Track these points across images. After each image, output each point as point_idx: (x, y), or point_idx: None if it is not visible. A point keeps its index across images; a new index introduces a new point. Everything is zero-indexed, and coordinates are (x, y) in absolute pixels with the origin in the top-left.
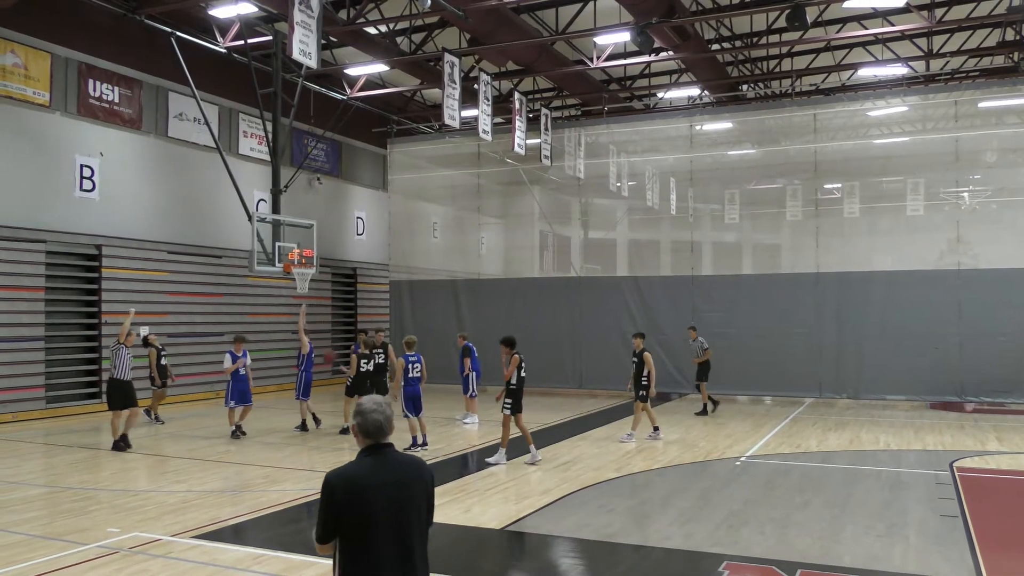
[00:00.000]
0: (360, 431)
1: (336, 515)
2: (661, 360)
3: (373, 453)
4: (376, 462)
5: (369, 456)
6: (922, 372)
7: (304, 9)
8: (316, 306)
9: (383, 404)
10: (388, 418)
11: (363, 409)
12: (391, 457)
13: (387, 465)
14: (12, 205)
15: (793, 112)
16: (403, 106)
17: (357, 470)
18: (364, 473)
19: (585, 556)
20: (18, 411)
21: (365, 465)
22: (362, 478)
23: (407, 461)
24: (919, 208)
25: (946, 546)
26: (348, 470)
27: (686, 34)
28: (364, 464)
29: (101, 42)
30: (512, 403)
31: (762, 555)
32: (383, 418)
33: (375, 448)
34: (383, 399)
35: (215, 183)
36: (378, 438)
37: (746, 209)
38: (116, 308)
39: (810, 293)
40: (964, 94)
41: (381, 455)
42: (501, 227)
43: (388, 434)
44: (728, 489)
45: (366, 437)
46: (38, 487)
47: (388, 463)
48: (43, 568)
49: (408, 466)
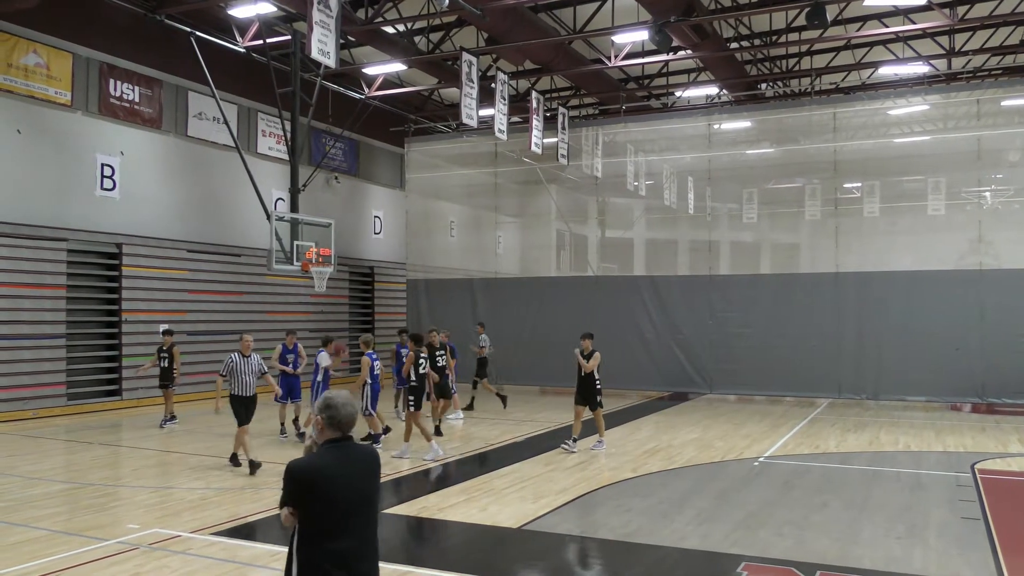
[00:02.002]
0: (330, 424)
1: (301, 503)
2: (679, 360)
3: (337, 445)
4: (340, 454)
5: (335, 448)
6: (943, 373)
7: (323, 8)
8: (334, 304)
9: (352, 400)
10: (356, 411)
11: (335, 403)
12: (352, 449)
13: (349, 457)
14: (34, 204)
15: (812, 111)
16: (421, 105)
17: (321, 462)
18: (328, 464)
19: (602, 556)
20: (39, 408)
21: (329, 457)
22: (326, 469)
23: (366, 453)
24: (940, 208)
25: (967, 549)
26: (312, 462)
27: (704, 33)
28: (328, 456)
29: (122, 42)
30: (414, 399)
31: (781, 556)
32: (354, 411)
33: (340, 440)
34: (348, 393)
35: (234, 182)
36: (346, 431)
37: (764, 208)
38: (136, 306)
39: (829, 293)
40: (986, 92)
41: (343, 447)
42: (518, 226)
43: (353, 427)
44: (746, 490)
45: (335, 430)
46: (59, 483)
47: (350, 455)
48: (65, 563)
49: (368, 458)
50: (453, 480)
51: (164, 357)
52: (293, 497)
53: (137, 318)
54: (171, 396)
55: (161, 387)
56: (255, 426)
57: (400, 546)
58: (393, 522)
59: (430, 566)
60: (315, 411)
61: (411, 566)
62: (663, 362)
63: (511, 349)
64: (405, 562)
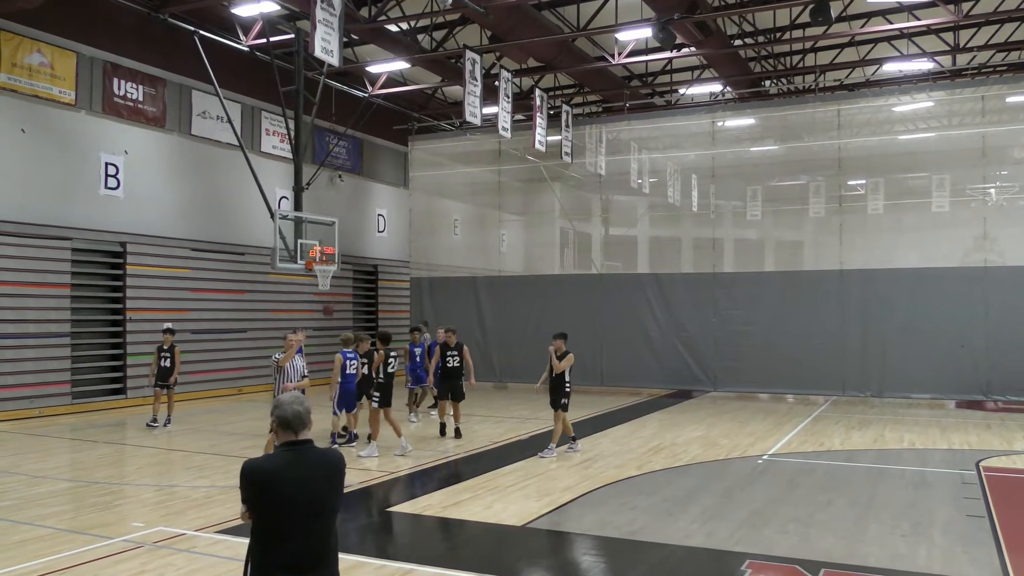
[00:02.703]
0: (279, 424)
1: (251, 504)
2: (683, 357)
3: (292, 448)
4: (294, 457)
5: (288, 451)
6: (947, 370)
7: (326, 7)
8: (338, 303)
9: (301, 397)
10: (307, 410)
11: (281, 402)
12: (309, 453)
13: (304, 461)
14: (39, 203)
15: (816, 108)
16: (424, 103)
17: (273, 464)
18: (279, 467)
19: (607, 554)
20: (44, 406)
21: (283, 460)
22: (276, 472)
23: (325, 457)
24: (945, 205)
25: (972, 546)
26: (265, 463)
27: (708, 30)
28: (282, 459)
29: (125, 41)
30: (380, 396)
31: (785, 554)
32: (302, 409)
33: (294, 443)
34: (301, 394)
35: (238, 181)
36: (297, 430)
37: (768, 206)
38: (140, 305)
39: (833, 290)
40: (991, 89)
41: (299, 450)
42: (522, 224)
43: (307, 427)
44: (750, 488)
45: (287, 431)
46: (64, 481)
47: (306, 459)
48: (70, 562)
49: (325, 463)
50: (457, 478)
51: (165, 356)
52: (244, 497)
53: (141, 316)
54: (172, 397)
55: (161, 387)
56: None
57: (404, 544)
58: (397, 520)
59: (434, 564)
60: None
61: (415, 564)
62: (667, 360)
63: (515, 347)
64: (409, 560)
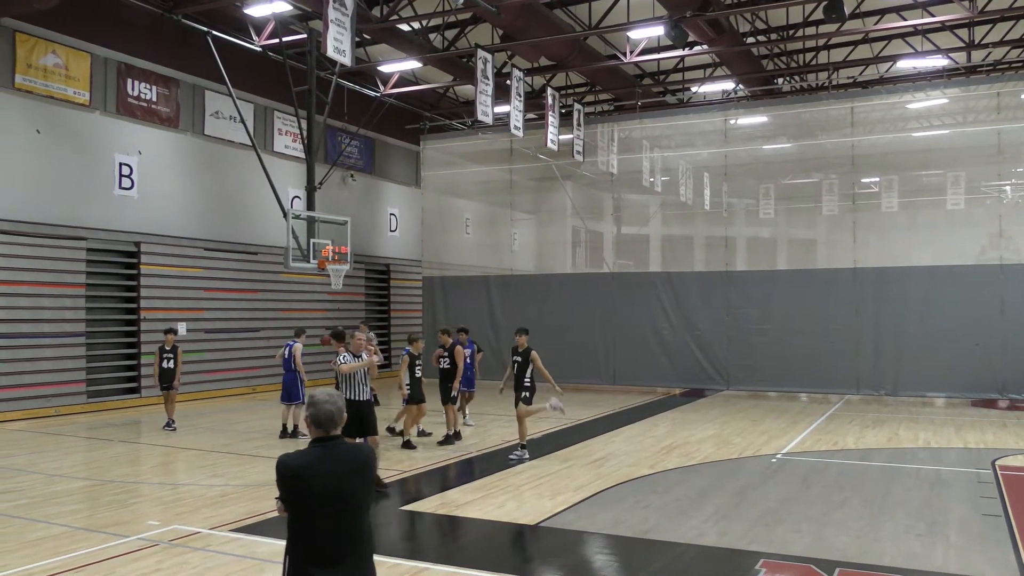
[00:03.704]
0: (313, 422)
1: (284, 498)
2: (695, 356)
3: (322, 443)
4: (325, 453)
5: (318, 446)
6: (963, 369)
7: (338, 7)
8: (350, 302)
9: (335, 396)
10: (340, 409)
11: (315, 400)
12: (340, 448)
13: (333, 456)
14: (54, 203)
15: (830, 105)
16: (436, 103)
17: (304, 459)
18: (310, 463)
19: (620, 553)
20: (60, 405)
21: (313, 455)
22: (307, 467)
23: (353, 452)
24: (960, 202)
25: (988, 546)
26: (296, 459)
27: (721, 27)
28: (312, 454)
29: (139, 42)
30: None
31: (799, 553)
32: (335, 409)
33: (325, 439)
34: (336, 392)
35: (250, 180)
36: (328, 429)
37: (781, 204)
38: (154, 304)
39: (847, 288)
40: (1007, 85)
41: (329, 446)
42: (533, 223)
43: (339, 425)
44: (764, 486)
45: (318, 428)
46: (80, 480)
47: (335, 454)
48: (86, 560)
49: (355, 457)
50: (470, 477)
51: (168, 357)
52: (280, 491)
53: (155, 316)
54: (173, 398)
55: (164, 388)
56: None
57: (418, 543)
58: (411, 518)
59: (448, 563)
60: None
61: (429, 563)
62: (680, 358)
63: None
64: (423, 559)
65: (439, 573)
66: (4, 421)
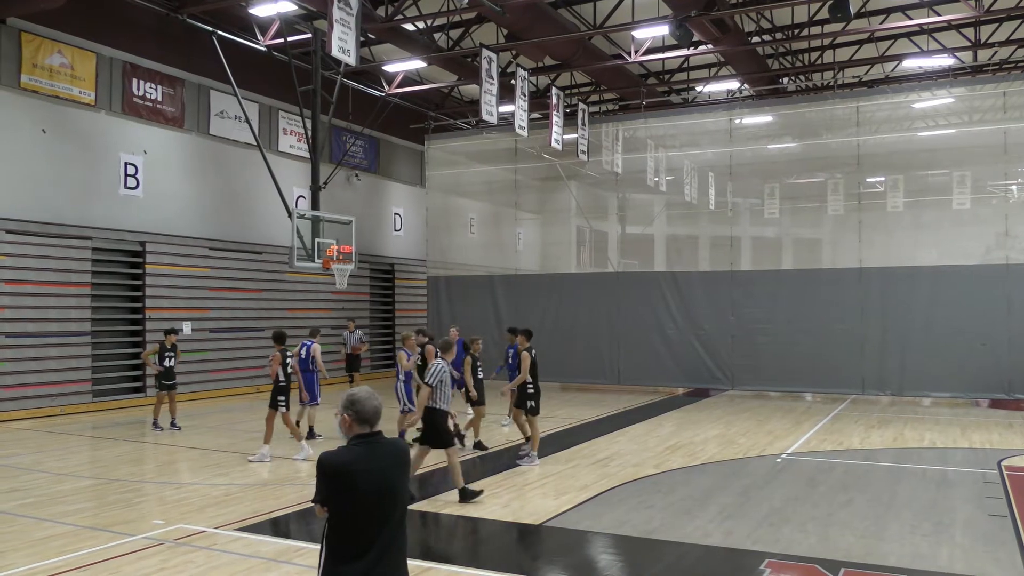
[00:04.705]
0: (356, 419)
1: (329, 493)
2: (700, 356)
3: (366, 440)
4: (368, 449)
5: (362, 443)
6: (969, 369)
7: (343, 7)
8: (355, 302)
9: (374, 392)
10: (381, 405)
11: (359, 397)
12: (380, 444)
13: (378, 452)
14: (60, 203)
15: (835, 105)
16: (440, 102)
17: (350, 456)
18: (356, 459)
19: (624, 552)
20: (65, 404)
21: (358, 452)
22: (354, 463)
23: (393, 447)
24: (966, 202)
25: (994, 546)
26: (342, 456)
27: (725, 27)
28: (357, 451)
29: (144, 42)
30: (284, 400)
31: (804, 553)
32: (378, 404)
33: (368, 436)
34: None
35: (255, 180)
36: (373, 424)
37: (786, 203)
38: (160, 304)
39: (852, 288)
40: (1013, 85)
41: (372, 442)
42: (538, 223)
43: (378, 420)
44: (769, 487)
45: (362, 424)
46: (86, 479)
47: (379, 450)
48: (92, 558)
49: (395, 453)
50: (475, 477)
51: (169, 356)
52: (321, 490)
53: (161, 315)
54: (175, 398)
55: (167, 388)
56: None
57: (423, 542)
58: (416, 518)
59: (453, 562)
60: (340, 408)
61: (433, 562)
62: (684, 358)
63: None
64: (427, 558)
65: (444, 572)
66: (10, 420)
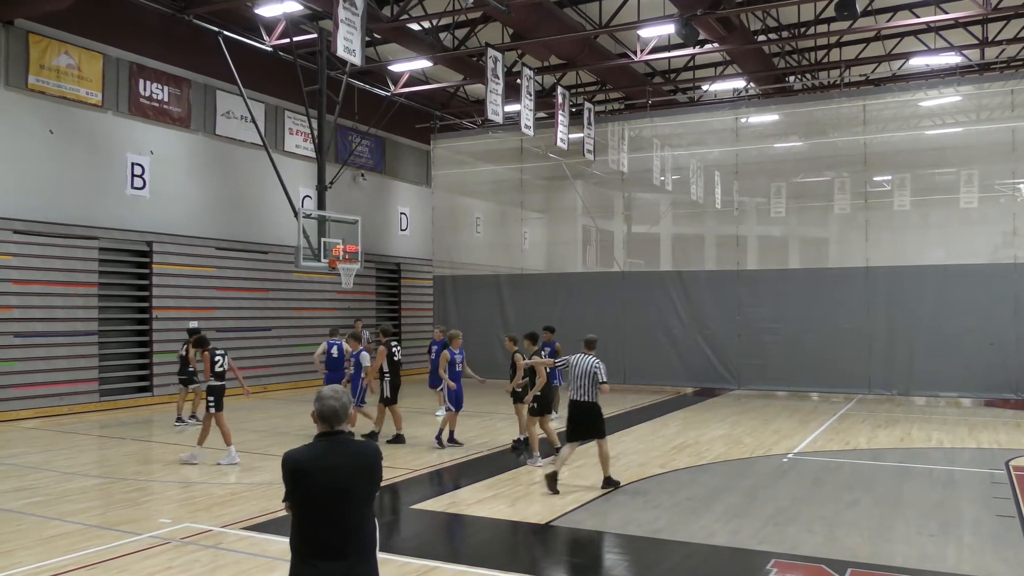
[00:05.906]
0: (319, 416)
1: (288, 489)
2: (706, 355)
3: (326, 438)
4: (327, 447)
5: (322, 441)
6: (976, 368)
7: (348, 7)
8: (361, 301)
9: (340, 392)
10: (344, 405)
11: (319, 396)
12: (342, 443)
13: (338, 452)
14: (66, 203)
15: (842, 103)
16: (446, 102)
17: (307, 453)
18: (313, 456)
19: (630, 552)
20: (73, 404)
21: (316, 449)
22: (309, 461)
23: (358, 448)
24: (973, 200)
25: (1002, 546)
26: (300, 452)
27: (732, 25)
28: (315, 448)
29: (151, 42)
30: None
31: (811, 553)
32: (338, 405)
33: (329, 434)
34: (341, 388)
35: (261, 180)
36: (332, 424)
37: (793, 202)
38: (166, 303)
39: (859, 287)
40: (1021, 83)
41: (334, 441)
42: (544, 222)
43: (342, 420)
44: (775, 486)
45: (322, 423)
46: (93, 478)
47: (340, 449)
48: (99, 557)
49: (358, 454)
50: (481, 476)
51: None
52: (285, 484)
53: (167, 315)
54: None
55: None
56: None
57: (428, 541)
58: (421, 517)
59: (458, 561)
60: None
61: (439, 561)
62: (690, 358)
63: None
64: (433, 557)
65: (449, 572)
66: (18, 419)
